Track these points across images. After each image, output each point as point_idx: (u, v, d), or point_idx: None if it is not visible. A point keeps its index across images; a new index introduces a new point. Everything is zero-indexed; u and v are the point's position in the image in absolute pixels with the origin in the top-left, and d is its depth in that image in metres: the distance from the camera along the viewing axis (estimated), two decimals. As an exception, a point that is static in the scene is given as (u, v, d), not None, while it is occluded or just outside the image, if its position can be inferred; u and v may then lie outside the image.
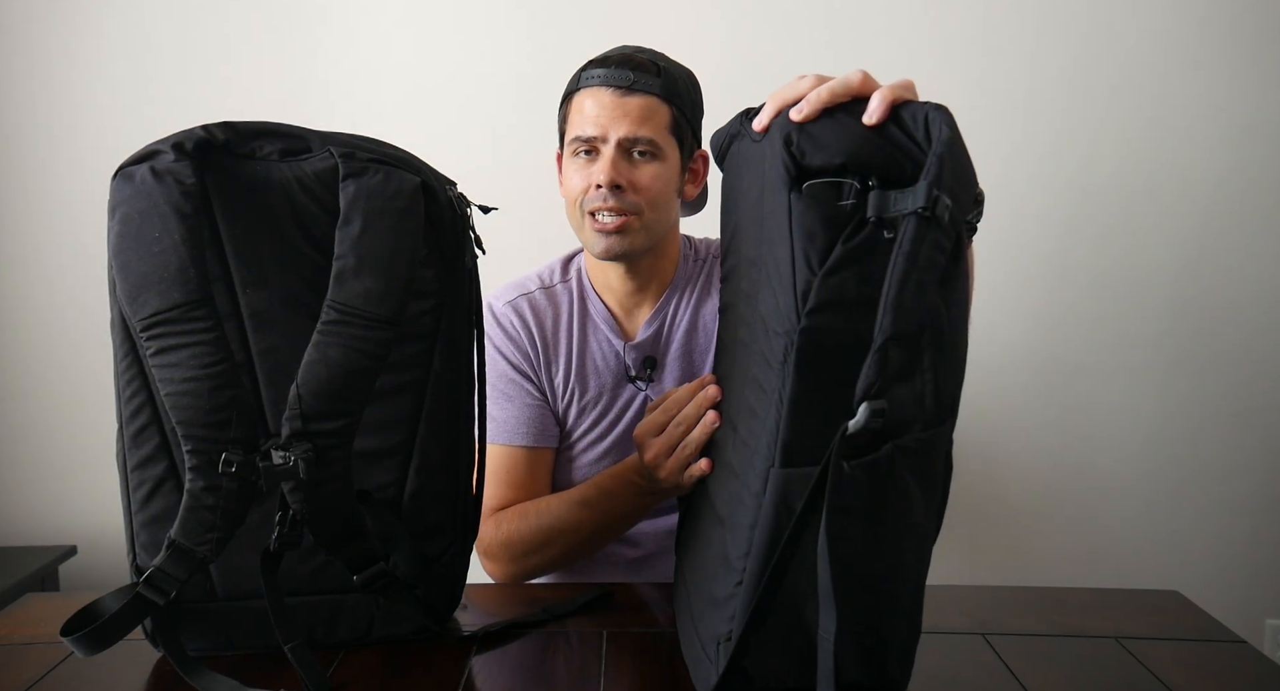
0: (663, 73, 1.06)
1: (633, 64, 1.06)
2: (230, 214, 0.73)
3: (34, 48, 1.78)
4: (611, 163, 1.04)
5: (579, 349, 1.15)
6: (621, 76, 1.04)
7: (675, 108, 1.07)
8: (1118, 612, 0.89)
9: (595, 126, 1.05)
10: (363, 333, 0.70)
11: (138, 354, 0.73)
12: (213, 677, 0.71)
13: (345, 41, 1.79)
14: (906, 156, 0.59)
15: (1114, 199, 1.80)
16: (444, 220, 0.78)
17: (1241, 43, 1.74)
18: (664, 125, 1.06)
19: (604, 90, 1.05)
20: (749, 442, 0.66)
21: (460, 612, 0.87)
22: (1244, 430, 1.83)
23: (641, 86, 1.04)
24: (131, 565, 0.77)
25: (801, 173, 0.61)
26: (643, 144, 1.05)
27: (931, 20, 1.76)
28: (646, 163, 1.06)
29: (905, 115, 0.60)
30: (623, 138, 1.04)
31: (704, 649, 0.69)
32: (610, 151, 1.04)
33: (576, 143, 1.07)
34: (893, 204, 0.56)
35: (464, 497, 0.85)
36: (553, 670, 0.78)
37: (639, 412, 1.14)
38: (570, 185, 1.09)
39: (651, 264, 1.14)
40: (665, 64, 1.09)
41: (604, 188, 1.04)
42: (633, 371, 1.14)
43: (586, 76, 1.07)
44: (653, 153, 1.06)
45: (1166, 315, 1.82)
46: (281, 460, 0.68)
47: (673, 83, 1.07)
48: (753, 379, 0.66)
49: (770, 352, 0.62)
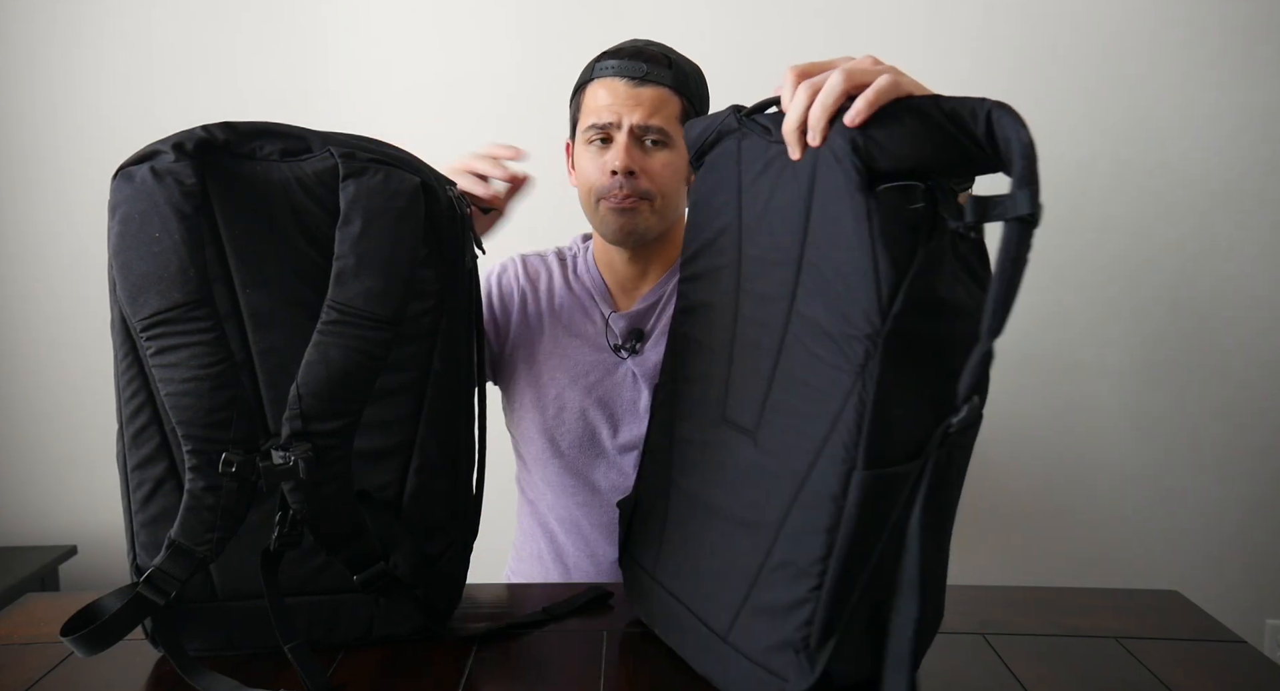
0: (674, 65, 1.09)
1: (645, 56, 1.08)
2: (230, 214, 0.73)
3: (34, 48, 1.78)
4: (626, 149, 1.06)
5: (568, 303, 1.17)
6: (635, 67, 1.07)
7: (685, 99, 1.10)
8: (1118, 612, 0.89)
9: (610, 113, 1.07)
10: (363, 333, 0.70)
11: (138, 354, 0.73)
12: (213, 677, 0.71)
13: (346, 41, 1.79)
14: (966, 157, 0.60)
15: (1112, 200, 1.80)
16: (444, 220, 0.78)
17: (1240, 42, 1.74)
18: (675, 115, 1.09)
19: (617, 80, 1.07)
20: (797, 443, 0.66)
21: (460, 612, 0.86)
22: (1244, 430, 1.83)
23: (654, 77, 1.07)
24: (131, 565, 0.77)
25: (872, 177, 0.62)
26: (654, 133, 1.07)
27: (928, 19, 1.76)
28: (658, 151, 1.08)
29: (964, 113, 0.59)
30: (635, 125, 1.06)
31: (759, 661, 0.67)
32: (624, 138, 1.06)
33: (591, 130, 1.09)
34: (992, 209, 0.57)
35: (464, 497, 0.85)
36: (553, 670, 0.78)
37: (618, 382, 1.13)
38: (584, 173, 1.11)
39: (658, 249, 1.16)
40: (675, 57, 1.11)
41: (618, 173, 1.06)
42: (621, 340, 1.14)
43: (600, 67, 1.10)
44: (664, 141, 1.08)
45: (1166, 315, 1.82)
46: (281, 460, 0.68)
47: (683, 75, 1.10)
48: (798, 380, 0.66)
49: (833, 355, 0.63)
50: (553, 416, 1.13)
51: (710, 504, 0.75)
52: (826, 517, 0.63)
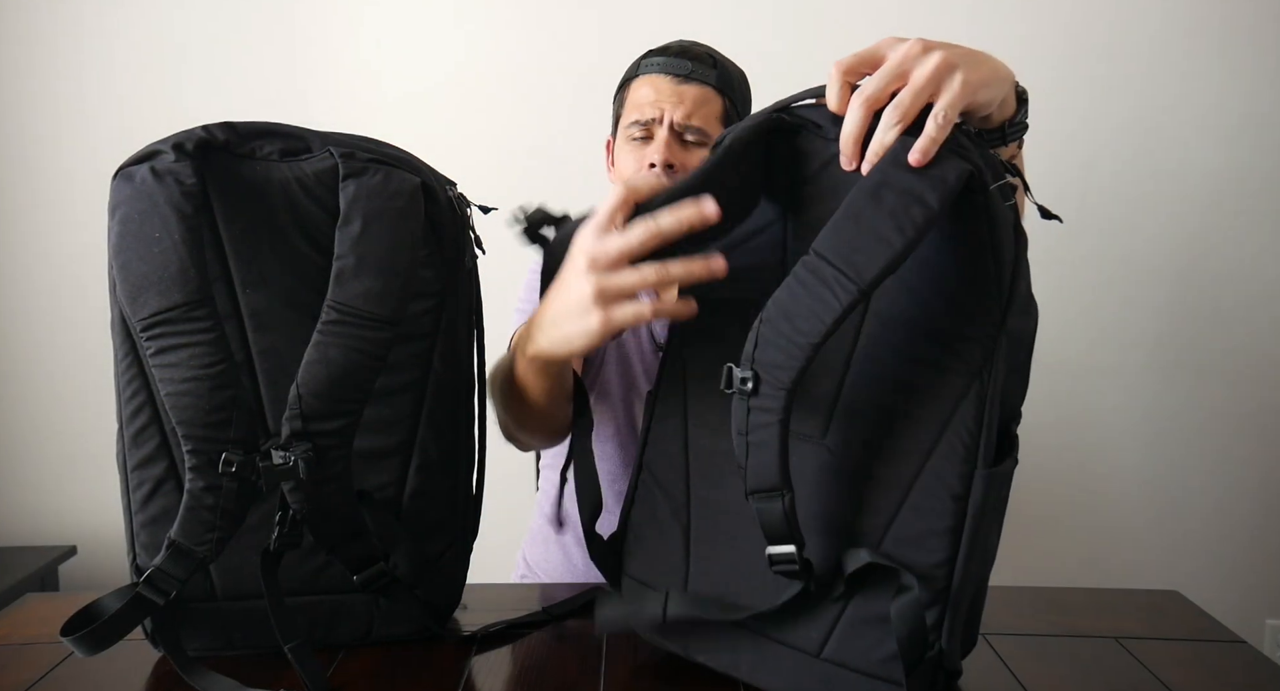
0: (718, 65, 1.09)
1: (691, 55, 1.08)
2: (230, 214, 0.73)
3: (34, 47, 1.78)
4: (666, 144, 1.06)
5: None
6: (680, 65, 1.07)
7: (728, 99, 1.10)
8: (1118, 612, 0.89)
9: (653, 109, 1.07)
10: (363, 332, 0.70)
11: (138, 354, 0.73)
12: (213, 677, 0.71)
13: (346, 41, 1.79)
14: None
15: (1113, 200, 1.80)
16: (444, 220, 0.78)
17: (1241, 42, 1.74)
18: (716, 115, 1.08)
19: (662, 77, 1.08)
20: (895, 446, 0.65)
21: (460, 612, 0.87)
22: (1244, 430, 1.83)
23: (698, 76, 1.07)
24: (131, 565, 0.77)
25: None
26: (694, 131, 1.07)
27: (927, 20, 1.76)
28: (698, 149, 1.08)
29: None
30: (677, 122, 1.06)
31: (875, 672, 0.65)
32: (664, 134, 1.06)
33: (633, 126, 1.09)
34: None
35: (464, 497, 0.85)
36: (553, 670, 0.78)
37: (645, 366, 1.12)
38: (622, 167, 1.11)
39: None
40: (721, 58, 1.11)
41: (657, 167, 1.05)
42: (659, 339, 1.13)
43: (646, 64, 1.10)
44: (704, 140, 1.07)
45: (1166, 315, 1.82)
46: (281, 460, 0.68)
47: (727, 76, 1.10)
48: (900, 383, 0.65)
49: (941, 356, 0.63)
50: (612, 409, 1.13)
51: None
52: (949, 518, 0.62)
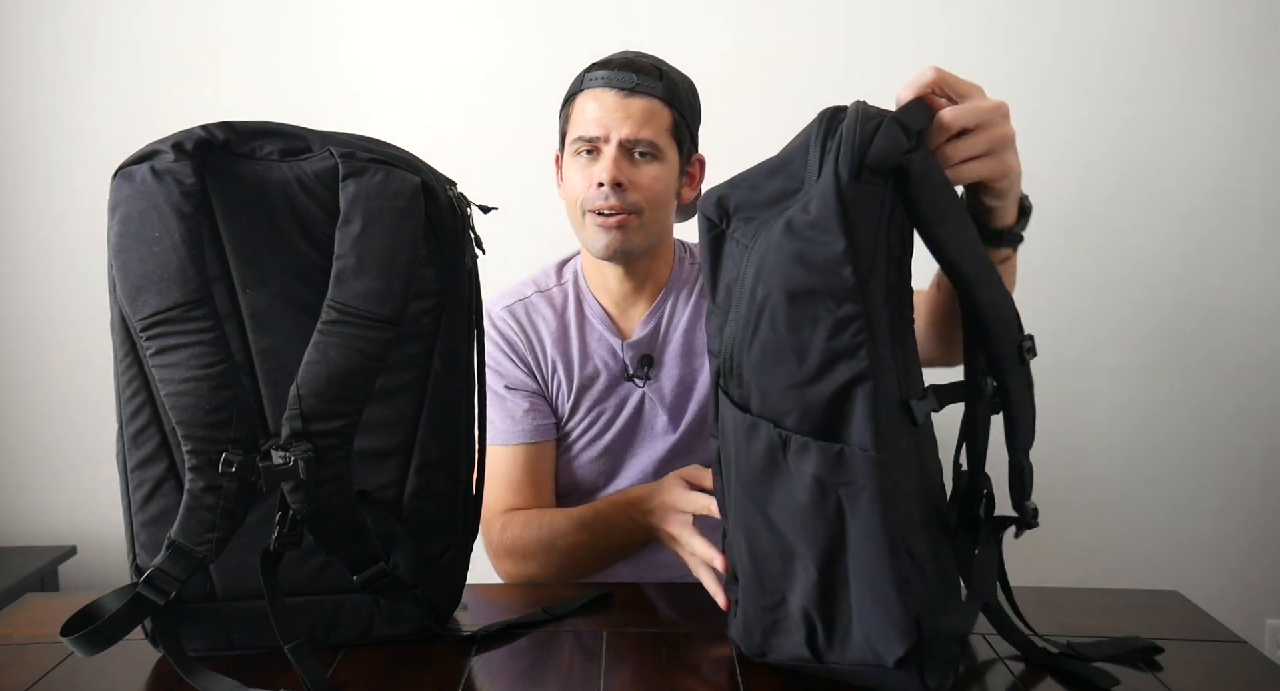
0: (664, 77, 1.08)
1: (635, 67, 1.07)
2: (230, 214, 0.73)
3: (34, 47, 1.78)
4: (614, 162, 1.05)
5: (578, 349, 1.15)
6: (625, 78, 1.05)
7: (676, 111, 1.08)
8: (1118, 612, 0.89)
9: (598, 126, 1.05)
10: (363, 332, 0.70)
11: (138, 354, 0.73)
12: (213, 677, 0.71)
13: (346, 41, 1.79)
14: None
15: (1114, 201, 1.80)
16: (444, 220, 0.77)
17: (1241, 43, 1.74)
18: (665, 127, 1.07)
19: (607, 91, 1.06)
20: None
21: (460, 612, 0.87)
22: (1244, 430, 1.83)
23: (644, 89, 1.05)
24: (131, 565, 0.77)
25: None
26: (644, 145, 1.06)
27: (928, 23, 1.76)
28: (647, 163, 1.07)
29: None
30: (625, 138, 1.05)
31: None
32: (612, 151, 1.05)
33: (579, 142, 1.08)
34: None
35: (464, 497, 0.85)
36: (553, 670, 0.78)
37: (636, 410, 1.15)
38: (571, 185, 1.10)
39: (648, 265, 1.14)
40: (666, 69, 1.10)
41: (605, 186, 1.04)
42: (631, 369, 1.14)
43: (590, 78, 1.08)
44: (653, 154, 1.06)
45: (1166, 315, 1.82)
46: (281, 460, 0.68)
47: (674, 87, 1.08)
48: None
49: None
50: (581, 472, 1.16)
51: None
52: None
